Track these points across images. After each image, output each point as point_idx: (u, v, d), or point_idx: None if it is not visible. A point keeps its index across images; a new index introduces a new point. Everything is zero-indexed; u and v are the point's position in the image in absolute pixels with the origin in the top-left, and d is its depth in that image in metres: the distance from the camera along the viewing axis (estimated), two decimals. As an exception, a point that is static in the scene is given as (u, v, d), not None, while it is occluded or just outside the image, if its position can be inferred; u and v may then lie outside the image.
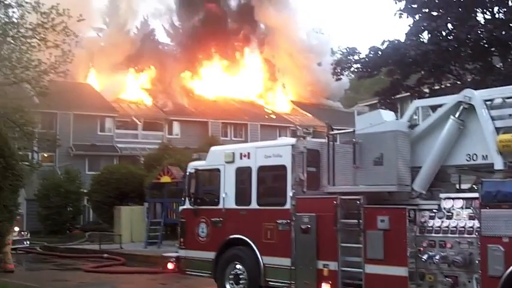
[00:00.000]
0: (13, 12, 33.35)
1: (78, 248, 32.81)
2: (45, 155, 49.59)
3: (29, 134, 34.91)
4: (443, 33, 26.20)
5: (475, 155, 11.87)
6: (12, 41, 32.09)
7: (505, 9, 26.13)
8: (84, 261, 27.24)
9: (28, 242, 32.01)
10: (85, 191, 44.02)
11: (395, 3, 27.25)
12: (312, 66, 70.43)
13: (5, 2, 32.65)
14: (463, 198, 11.61)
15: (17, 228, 29.54)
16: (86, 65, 62.27)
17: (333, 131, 13.84)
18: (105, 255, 27.92)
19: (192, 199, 15.79)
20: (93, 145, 53.49)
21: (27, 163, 36.90)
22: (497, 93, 12.16)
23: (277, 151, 14.10)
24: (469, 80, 27.01)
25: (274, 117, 66.35)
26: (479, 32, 25.37)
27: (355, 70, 29.03)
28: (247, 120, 62.98)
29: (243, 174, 14.78)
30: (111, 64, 63.07)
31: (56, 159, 51.74)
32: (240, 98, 70.00)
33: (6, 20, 32.62)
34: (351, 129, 13.23)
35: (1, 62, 31.44)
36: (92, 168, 50.28)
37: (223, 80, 70.25)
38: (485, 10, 26.54)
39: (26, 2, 32.21)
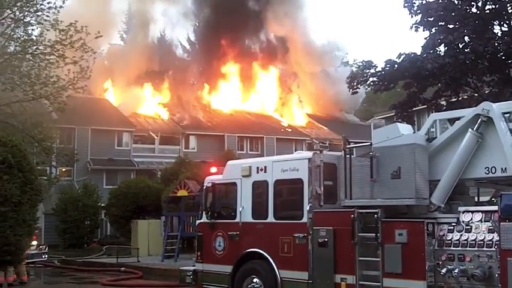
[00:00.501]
0: (32, 29, 33.84)
1: (95, 262, 32.86)
2: (63, 170, 49.78)
3: (47, 149, 35.18)
4: (460, 46, 26.11)
5: (493, 168, 11.81)
6: (31, 58, 32.47)
7: (522, 22, 26.05)
8: (101, 274, 27.28)
9: (46, 256, 32.09)
10: (102, 205, 44.13)
11: (411, 16, 27.17)
12: (327, 80, 70.70)
13: (25, 20, 33.04)
14: (482, 211, 11.56)
15: (35, 242, 29.68)
16: (103, 80, 62.64)
17: (349, 144, 13.80)
18: (123, 268, 27.97)
19: (209, 213, 15.83)
20: (111, 159, 53.71)
21: (45, 178, 37.13)
22: (515, 105, 12.11)
23: (293, 165, 14.10)
24: (486, 92, 26.89)
25: (290, 130, 66.30)
26: (496, 44, 25.27)
27: (372, 83, 28.94)
28: (263, 134, 62.96)
29: (259, 188, 14.80)
30: (128, 79, 63.43)
31: (74, 174, 51.95)
32: (255, 112, 70.08)
33: (26, 37, 33.02)
34: (368, 143, 13.21)
35: (20, 78, 31.78)
36: (110, 182, 50.43)
37: (239, 94, 70.40)
38: (502, 22, 26.41)
39: (45, 20, 32.58)
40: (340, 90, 62.14)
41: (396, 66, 26.66)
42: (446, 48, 26.21)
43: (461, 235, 11.46)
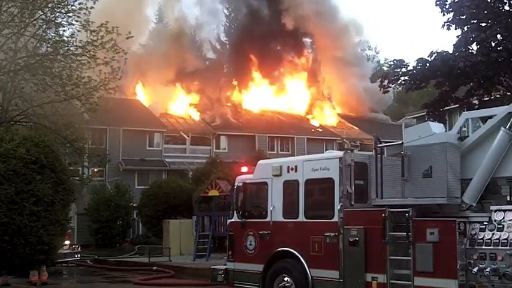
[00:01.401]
0: (63, 31, 34.13)
1: (127, 261, 33.10)
2: (96, 170, 50.17)
3: (79, 149, 35.46)
4: (493, 44, 25.88)
5: (526, 167, 11.70)
6: (62, 59, 32.68)
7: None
8: (133, 273, 27.47)
9: (79, 255, 32.43)
10: (134, 205, 44.41)
11: (443, 14, 27.01)
12: (358, 79, 70.45)
13: (56, 21, 33.37)
14: (514, 211, 11.45)
15: (68, 242, 30.01)
16: (134, 80, 63.04)
17: (380, 143, 13.76)
18: (155, 267, 28.12)
19: (240, 212, 15.91)
20: (142, 160, 54.05)
21: (77, 178, 37.44)
22: (548, 103, 12.01)
23: (324, 164, 14.10)
24: (519, 91, 26.67)
25: (320, 130, 66.14)
26: (529, 42, 25.03)
27: (403, 82, 28.79)
28: (293, 134, 62.89)
29: (290, 187, 14.83)
30: (159, 79, 63.74)
31: (105, 174, 52.37)
32: (286, 112, 70.02)
33: (57, 38, 33.31)
34: (400, 142, 13.16)
35: (52, 79, 32.03)
36: (141, 183, 50.72)
37: (269, 94, 70.40)
38: (536, 20, 26.14)
39: (76, 21, 32.87)
40: (370, 88, 62.11)
41: (428, 64, 26.53)
42: (478, 46, 26.01)
43: (493, 234, 11.38)
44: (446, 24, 26.88)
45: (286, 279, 14.54)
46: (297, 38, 73.09)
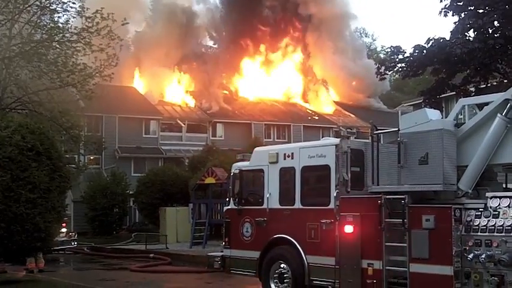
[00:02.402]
0: (58, 17, 33.98)
1: (124, 248, 33.19)
2: (92, 158, 50.19)
3: (75, 137, 35.45)
4: (490, 31, 25.81)
5: (522, 153, 11.69)
6: (58, 46, 32.58)
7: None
8: (130, 261, 27.56)
9: (76, 243, 32.49)
10: (131, 192, 44.46)
11: (440, 1, 26.91)
12: (353, 66, 70.36)
13: (51, 8, 33.20)
14: (509, 197, 11.46)
15: (64, 229, 30.06)
16: (130, 67, 62.89)
17: (377, 130, 13.75)
18: (151, 255, 28.22)
19: (237, 199, 15.91)
20: (138, 147, 54.04)
21: (73, 165, 37.47)
22: (545, 89, 11.99)
23: (321, 151, 14.10)
24: (516, 78, 26.60)
25: (317, 118, 66.14)
26: (526, 29, 24.95)
27: (400, 69, 28.74)
28: (290, 122, 62.92)
29: (286, 174, 14.83)
30: (156, 67, 63.61)
31: (102, 162, 52.35)
32: (282, 100, 69.97)
33: (52, 25, 33.16)
34: (396, 129, 13.14)
35: (47, 66, 31.92)
36: (138, 170, 50.78)
37: (266, 82, 70.29)
38: (533, 7, 26.06)
39: (71, 7, 32.77)
40: (367, 75, 62.09)
41: (425, 51, 26.45)
42: (475, 33, 25.94)
43: (489, 221, 11.38)
44: (443, 10, 26.78)
45: (282, 265, 14.56)
46: (293, 22, 72.90)
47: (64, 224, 28.67)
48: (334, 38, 71.70)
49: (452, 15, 26.73)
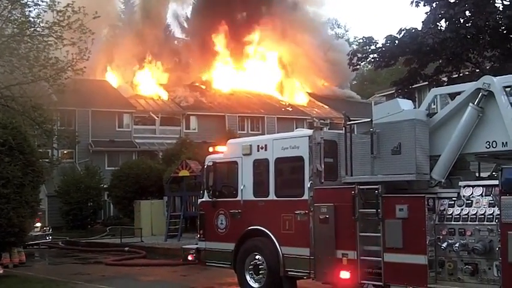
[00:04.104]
0: (29, 11, 33.69)
1: (99, 242, 33.08)
2: (65, 152, 49.88)
3: (48, 131, 35.22)
4: (461, 21, 25.92)
5: (494, 142, 11.73)
6: (29, 40, 32.33)
7: (524, -5, 25.83)
8: (105, 254, 27.50)
9: (50, 237, 32.31)
10: (105, 186, 44.32)
11: (412, -9, 26.98)
12: (326, 57, 70.54)
13: (22, 1, 32.89)
14: (482, 186, 11.53)
15: (39, 224, 29.85)
16: (102, 61, 62.53)
17: (350, 121, 13.75)
18: (126, 248, 28.19)
19: (211, 192, 15.86)
20: (112, 141, 53.79)
21: (47, 160, 37.20)
22: (517, 79, 12.06)
23: (294, 142, 14.11)
24: (487, 67, 26.74)
25: (290, 109, 66.21)
26: (498, 18, 25.07)
27: (372, 60, 28.80)
28: (263, 114, 62.95)
29: (260, 166, 14.84)
30: (128, 60, 63.27)
31: (75, 156, 52.07)
32: (256, 91, 69.91)
33: (23, 19, 32.87)
34: (369, 119, 13.16)
35: (19, 60, 31.68)
36: (111, 164, 50.60)
37: (239, 74, 70.21)
38: (504, -4, 26.23)
39: (42, 1, 32.55)
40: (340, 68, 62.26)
41: (397, 42, 26.51)
42: (447, 23, 26.02)
43: (462, 209, 11.45)
44: (414, 1, 26.84)
45: (257, 257, 14.58)
46: (262, 13, 72.84)
47: (38, 220, 28.47)
48: (306, 28, 71.77)
49: (424, 5, 26.79)
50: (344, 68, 31.82)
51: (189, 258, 16.61)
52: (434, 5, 26.51)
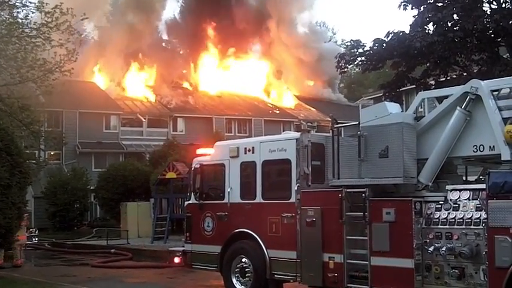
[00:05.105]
0: (17, 12, 33.48)
1: (85, 244, 32.91)
2: (52, 153, 49.71)
3: (35, 132, 35.01)
4: (449, 24, 26.00)
5: (482, 146, 11.76)
6: (17, 41, 32.14)
7: (512, -1, 25.95)
8: (91, 256, 27.37)
9: (36, 239, 32.06)
10: (92, 188, 44.16)
11: (400, -6, 27.04)
12: (314, 60, 70.60)
13: (10, 3, 32.72)
14: (469, 190, 11.55)
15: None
16: (90, 63, 62.37)
17: (337, 124, 13.74)
18: (113, 250, 28.04)
19: (198, 194, 15.82)
20: (99, 142, 53.67)
21: (34, 161, 36.99)
22: (504, 83, 12.11)
23: (281, 145, 14.08)
24: (475, 71, 26.83)
25: (278, 112, 66.28)
26: (485, 22, 25.16)
27: (360, 63, 28.83)
28: (251, 116, 63.01)
29: (247, 168, 14.80)
30: (115, 61, 63.13)
31: (62, 157, 51.93)
32: (243, 94, 69.92)
33: (11, 20, 32.70)
34: (356, 122, 13.16)
35: (7, 61, 31.52)
36: (98, 165, 50.47)
37: (226, 76, 70.18)
38: (491, 0, 26.33)
39: (30, 2, 32.37)
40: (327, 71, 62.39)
41: (384, 45, 26.57)
42: (435, 26, 26.12)
43: (449, 213, 11.46)
44: (402, 4, 26.91)
45: (244, 260, 14.55)
46: (253, 17, 72.81)
47: (25, 222, 28.33)
48: (292, 31, 71.88)
49: (412, 8, 26.89)
50: (331, 65, 31.78)
51: (176, 260, 16.57)
52: (422, 8, 26.62)
